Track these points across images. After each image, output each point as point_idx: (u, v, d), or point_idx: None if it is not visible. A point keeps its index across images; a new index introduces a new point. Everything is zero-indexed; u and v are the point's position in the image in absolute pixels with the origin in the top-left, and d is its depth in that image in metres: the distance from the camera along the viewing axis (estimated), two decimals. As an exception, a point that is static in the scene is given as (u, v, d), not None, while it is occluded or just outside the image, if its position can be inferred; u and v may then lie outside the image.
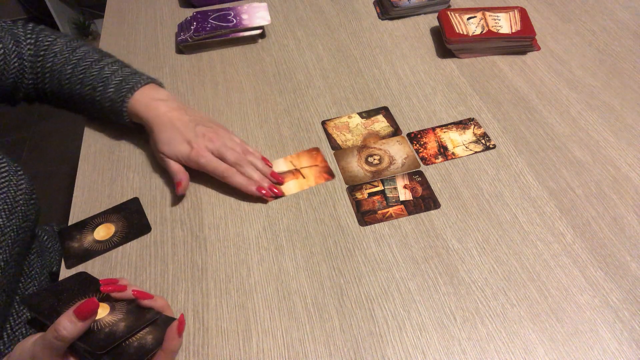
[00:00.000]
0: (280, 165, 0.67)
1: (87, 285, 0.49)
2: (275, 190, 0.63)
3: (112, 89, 0.66)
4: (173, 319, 0.47)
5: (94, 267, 0.58)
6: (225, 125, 0.74)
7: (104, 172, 0.69)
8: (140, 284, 0.56)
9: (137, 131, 0.71)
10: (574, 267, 0.54)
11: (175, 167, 0.63)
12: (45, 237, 0.71)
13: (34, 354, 0.42)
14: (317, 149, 0.68)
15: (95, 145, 0.73)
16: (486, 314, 0.51)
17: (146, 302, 0.47)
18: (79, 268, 0.58)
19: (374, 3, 0.95)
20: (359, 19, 0.91)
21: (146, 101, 0.66)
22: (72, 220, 0.63)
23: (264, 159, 0.66)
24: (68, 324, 0.41)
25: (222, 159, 0.63)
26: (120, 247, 0.60)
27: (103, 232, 0.61)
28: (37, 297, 0.47)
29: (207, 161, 0.63)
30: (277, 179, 0.65)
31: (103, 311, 0.46)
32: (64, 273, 0.58)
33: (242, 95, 0.78)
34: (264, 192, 0.62)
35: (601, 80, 0.75)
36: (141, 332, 0.45)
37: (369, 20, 0.91)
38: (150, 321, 0.46)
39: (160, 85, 0.70)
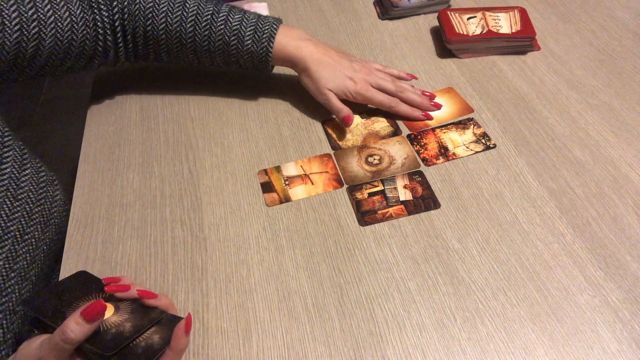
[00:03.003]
0: (290, 169, 0.67)
1: (89, 285, 0.49)
2: (434, 105, 0.71)
3: (249, 42, 0.68)
4: (178, 318, 0.47)
5: (94, 267, 0.58)
6: (225, 125, 0.74)
7: (104, 172, 0.69)
8: (140, 283, 0.56)
9: (137, 130, 0.71)
10: (574, 267, 0.54)
11: (339, 103, 0.68)
12: None
13: (41, 356, 0.41)
14: (328, 155, 0.68)
15: (95, 145, 0.73)
16: (486, 314, 0.51)
17: (151, 302, 0.47)
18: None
19: (374, 3, 0.95)
20: (359, 19, 0.91)
21: (294, 43, 0.69)
22: (72, 221, 0.63)
23: (410, 75, 0.74)
24: (75, 327, 0.40)
25: (382, 90, 0.70)
26: (120, 246, 0.60)
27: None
28: (39, 298, 0.47)
29: (373, 94, 0.69)
30: (431, 96, 0.72)
31: (108, 311, 0.45)
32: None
33: (242, 95, 0.78)
34: (427, 114, 0.70)
35: (601, 80, 0.75)
36: (148, 332, 0.45)
37: (369, 20, 0.91)
38: (156, 320, 0.46)
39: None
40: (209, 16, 0.67)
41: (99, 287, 0.48)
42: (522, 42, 0.80)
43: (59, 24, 0.60)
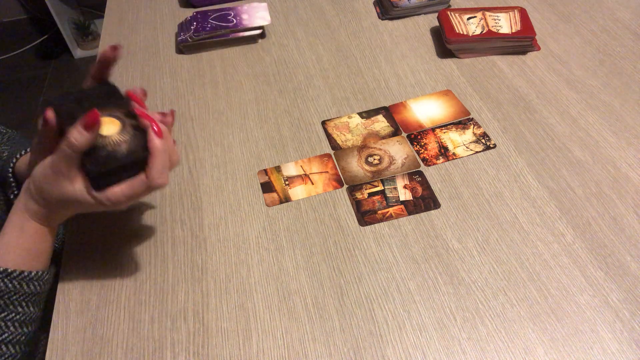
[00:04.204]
0: (290, 169, 0.67)
1: (112, 97, 0.50)
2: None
3: None
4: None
5: (94, 267, 0.58)
6: (225, 125, 0.74)
7: (104, 172, 0.69)
8: (140, 283, 0.56)
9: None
10: (574, 267, 0.54)
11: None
12: None
13: (53, 163, 0.46)
14: (328, 155, 0.68)
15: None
16: (486, 314, 0.51)
17: (143, 123, 0.47)
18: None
19: (374, 3, 0.95)
20: (359, 19, 0.91)
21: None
22: (71, 220, 0.63)
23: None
24: (77, 134, 0.44)
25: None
26: (120, 246, 0.60)
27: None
28: (61, 99, 0.48)
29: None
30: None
31: (113, 127, 0.46)
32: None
33: (242, 95, 0.78)
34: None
35: (601, 80, 0.75)
36: (116, 140, 0.46)
37: (369, 20, 0.91)
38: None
39: None
40: None
41: (120, 100, 0.49)
42: (522, 42, 0.80)
43: None
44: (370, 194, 0.63)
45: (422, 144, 0.68)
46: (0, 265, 0.47)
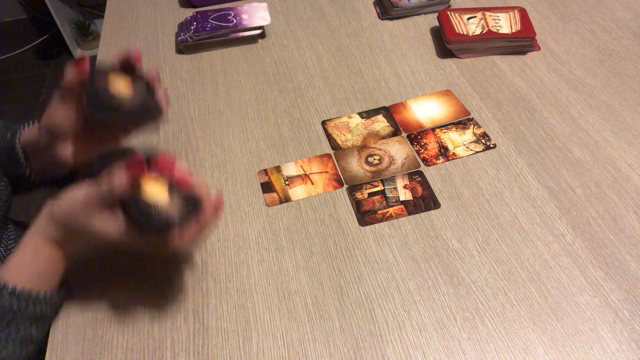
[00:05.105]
0: (290, 169, 0.67)
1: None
2: None
3: None
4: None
5: (94, 268, 0.58)
6: (225, 125, 0.74)
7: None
8: (140, 284, 0.56)
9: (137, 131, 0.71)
10: (574, 267, 0.54)
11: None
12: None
13: (87, 201, 0.46)
14: (328, 155, 0.68)
15: (95, 145, 0.73)
16: (486, 314, 0.51)
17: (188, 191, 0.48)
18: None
19: (374, 3, 0.95)
20: (359, 19, 0.91)
21: None
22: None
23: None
24: (118, 180, 0.44)
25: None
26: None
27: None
28: (103, 158, 0.50)
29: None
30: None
31: (163, 190, 0.47)
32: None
33: (242, 95, 0.78)
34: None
35: (601, 80, 0.75)
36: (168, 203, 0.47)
37: (369, 20, 0.91)
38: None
39: None
40: None
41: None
42: (522, 42, 0.80)
43: None
44: (370, 194, 0.63)
45: (422, 144, 0.68)
46: (9, 283, 0.47)
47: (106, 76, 0.53)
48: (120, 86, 0.52)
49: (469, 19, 0.82)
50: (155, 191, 0.46)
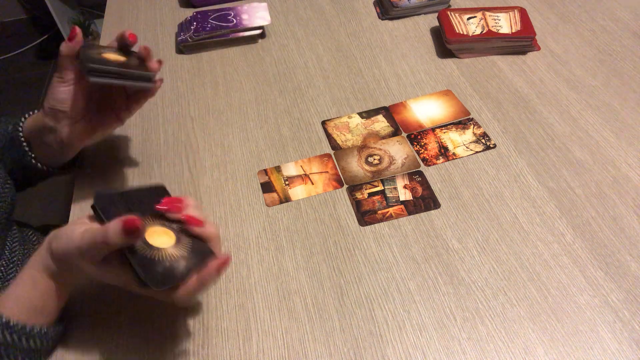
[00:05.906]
0: (290, 169, 0.67)
1: (161, 197, 0.48)
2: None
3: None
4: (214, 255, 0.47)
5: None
6: (226, 125, 0.74)
7: (104, 173, 0.69)
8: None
9: (137, 130, 0.71)
10: (574, 267, 0.54)
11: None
12: (31, 232, 0.71)
13: (81, 246, 0.43)
14: (328, 155, 0.68)
15: (94, 145, 0.73)
16: (486, 314, 0.51)
17: (196, 230, 0.47)
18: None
19: (374, 3, 0.95)
20: (359, 19, 0.91)
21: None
22: (72, 220, 0.63)
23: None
24: (114, 234, 0.41)
25: None
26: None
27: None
28: (109, 198, 0.46)
29: None
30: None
31: (169, 240, 0.45)
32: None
33: (242, 95, 0.78)
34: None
35: (601, 80, 0.75)
36: (176, 254, 0.45)
37: (369, 20, 0.91)
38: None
39: None
40: None
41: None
42: (522, 42, 0.80)
43: None
44: (370, 194, 0.63)
45: (422, 144, 0.68)
46: (5, 316, 0.45)
47: (99, 46, 0.58)
48: (114, 55, 0.57)
49: (469, 19, 0.82)
50: (159, 241, 0.44)
